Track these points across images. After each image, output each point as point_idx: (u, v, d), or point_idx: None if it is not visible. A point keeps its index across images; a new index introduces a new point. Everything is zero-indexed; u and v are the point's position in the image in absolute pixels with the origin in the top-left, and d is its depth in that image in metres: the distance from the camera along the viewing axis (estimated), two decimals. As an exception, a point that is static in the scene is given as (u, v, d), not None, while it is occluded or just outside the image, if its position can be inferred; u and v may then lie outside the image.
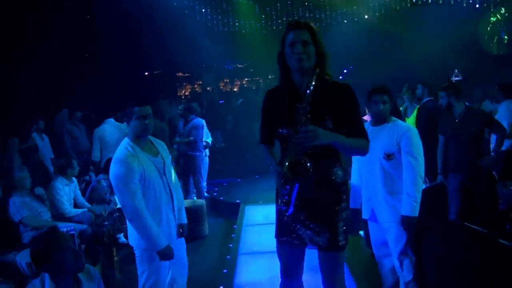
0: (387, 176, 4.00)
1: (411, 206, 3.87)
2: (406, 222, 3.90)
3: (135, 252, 3.87)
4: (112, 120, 8.47)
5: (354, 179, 4.42)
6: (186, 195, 8.55)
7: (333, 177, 2.97)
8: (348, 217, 3.08)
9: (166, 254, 3.71)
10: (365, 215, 4.22)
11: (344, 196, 3.04)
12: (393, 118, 4.14)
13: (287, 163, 2.72)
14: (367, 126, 4.07)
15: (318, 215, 2.98)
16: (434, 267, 4.57)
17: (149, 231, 3.62)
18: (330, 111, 2.87)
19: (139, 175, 3.62)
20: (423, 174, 3.96)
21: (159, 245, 3.65)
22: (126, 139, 3.81)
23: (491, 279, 4.06)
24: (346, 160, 3.24)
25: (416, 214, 3.88)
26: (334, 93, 2.90)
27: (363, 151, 2.99)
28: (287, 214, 2.96)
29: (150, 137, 3.94)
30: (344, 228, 3.03)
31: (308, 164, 2.69)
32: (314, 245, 3.04)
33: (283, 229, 3.09)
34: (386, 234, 4.10)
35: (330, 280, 3.13)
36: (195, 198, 8.76)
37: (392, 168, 3.98)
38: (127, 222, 3.85)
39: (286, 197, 2.93)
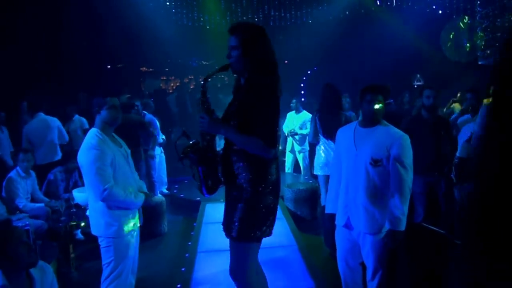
0: (371, 183, 3.68)
1: (398, 219, 3.59)
2: (392, 237, 3.63)
3: (100, 242, 3.90)
4: (41, 113, 8.14)
5: (332, 182, 4.09)
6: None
7: (236, 174, 3.15)
8: (250, 217, 3.15)
9: (147, 201, 4.06)
10: (339, 221, 3.91)
11: (245, 196, 3.13)
12: (385, 122, 3.82)
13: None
14: (354, 126, 3.90)
15: (226, 204, 3.29)
16: (402, 271, 4.58)
17: (127, 198, 3.81)
18: (237, 110, 3.14)
19: (110, 159, 3.75)
20: (411, 186, 3.68)
21: (139, 202, 3.94)
22: (94, 129, 3.90)
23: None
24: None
25: (403, 228, 3.61)
26: (243, 91, 3.16)
27: (257, 151, 3.07)
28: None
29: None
30: (239, 223, 3.15)
31: (200, 144, 3.16)
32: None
33: None
34: (360, 244, 3.82)
35: (231, 267, 3.35)
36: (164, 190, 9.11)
37: (378, 176, 3.67)
38: (91, 213, 3.94)
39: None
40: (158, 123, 8.67)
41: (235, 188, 3.17)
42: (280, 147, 12.05)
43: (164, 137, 9.22)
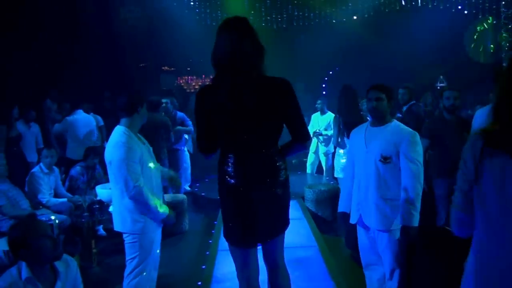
0: (382, 180, 3.72)
1: (411, 215, 3.59)
2: (406, 233, 3.63)
3: (125, 238, 3.92)
4: (81, 111, 8.50)
5: (345, 181, 4.18)
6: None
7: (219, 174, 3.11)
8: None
9: (170, 219, 3.98)
10: (352, 219, 3.97)
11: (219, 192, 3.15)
12: (395, 120, 3.87)
13: None
14: (365, 126, 3.95)
15: None
16: (424, 276, 4.53)
17: (153, 203, 3.81)
18: None
19: (138, 156, 3.77)
20: (422, 182, 3.68)
21: (163, 213, 3.89)
22: (120, 127, 3.89)
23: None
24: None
25: (417, 224, 3.61)
26: None
27: None
28: None
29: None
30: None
31: None
32: None
33: None
34: (375, 242, 3.86)
35: None
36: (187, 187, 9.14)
37: (388, 172, 3.70)
38: (116, 209, 3.96)
39: None
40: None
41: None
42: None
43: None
